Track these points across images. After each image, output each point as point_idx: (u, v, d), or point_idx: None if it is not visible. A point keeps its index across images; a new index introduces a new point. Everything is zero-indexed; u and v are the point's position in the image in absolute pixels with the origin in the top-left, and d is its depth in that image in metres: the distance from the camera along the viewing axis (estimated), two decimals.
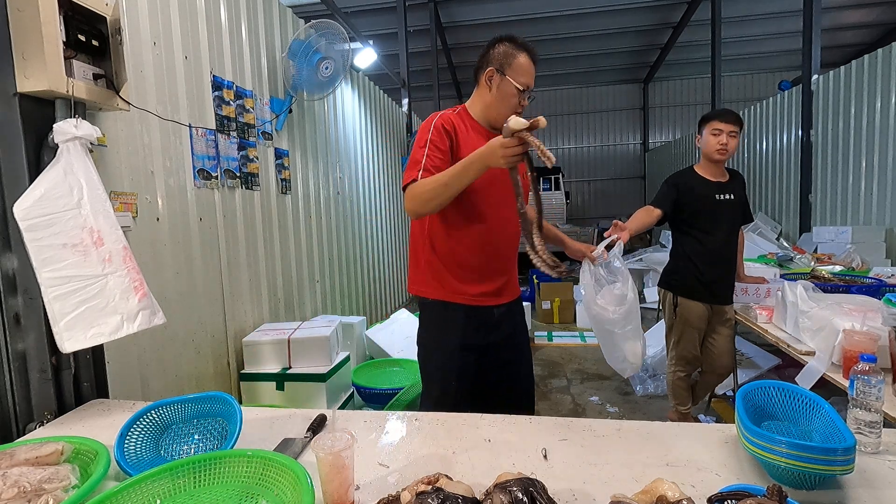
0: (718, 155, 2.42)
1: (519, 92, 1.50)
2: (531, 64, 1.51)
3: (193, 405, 1.18)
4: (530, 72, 1.51)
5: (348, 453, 0.84)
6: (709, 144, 2.44)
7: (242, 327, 2.72)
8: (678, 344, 2.63)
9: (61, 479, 0.91)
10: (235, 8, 2.79)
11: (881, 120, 4.72)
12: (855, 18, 9.73)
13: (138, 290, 1.30)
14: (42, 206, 1.21)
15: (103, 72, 1.40)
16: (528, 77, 1.51)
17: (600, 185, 14.08)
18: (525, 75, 1.50)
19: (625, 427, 1.15)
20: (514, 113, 1.46)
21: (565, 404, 3.39)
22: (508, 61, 1.49)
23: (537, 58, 1.53)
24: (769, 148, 6.97)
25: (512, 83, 1.48)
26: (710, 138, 2.43)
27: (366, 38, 6.73)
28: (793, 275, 2.98)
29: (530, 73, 1.51)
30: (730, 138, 2.40)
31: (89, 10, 1.35)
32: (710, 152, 2.44)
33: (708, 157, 2.47)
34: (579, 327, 5.32)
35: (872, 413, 1.01)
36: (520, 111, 1.49)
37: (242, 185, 2.76)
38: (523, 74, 1.49)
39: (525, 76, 1.50)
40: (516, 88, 1.49)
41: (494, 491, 0.77)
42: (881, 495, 0.86)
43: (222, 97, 2.61)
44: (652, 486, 0.81)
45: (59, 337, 1.21)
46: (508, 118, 1.23)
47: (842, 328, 1.68)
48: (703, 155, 2.51)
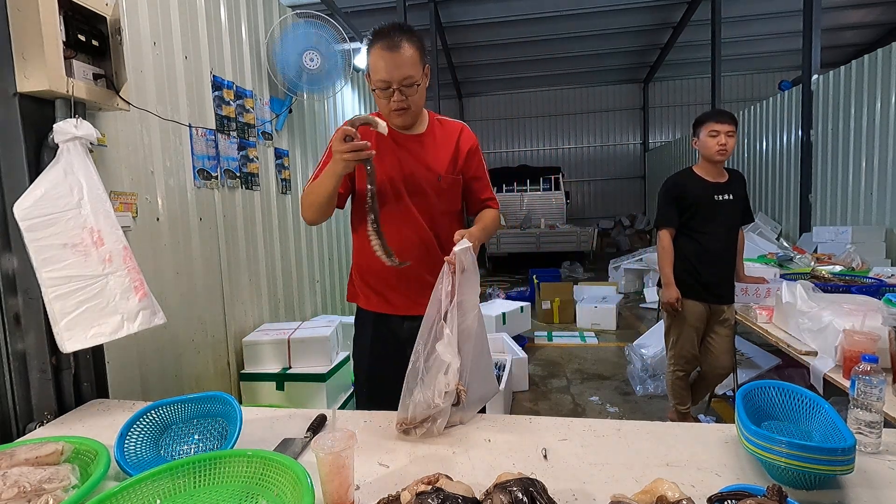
0: (719, 156, 2.43)
1: (380, 90, 1.37)
2: (381, 55, 1.33)
3: (193, 405, 1.18)
4: (380, 65, 1.33)
5: (348, 453, 0.84)
6: (708, 146, 2.44)
7: (242, 327, 2.72)
8: (677, 343, 2.63)
9: (61, 479, 0.91)
10: (235, 8, 2.79)
11: (881, 120, 4.72)
12: (855, 18, 9.73)
13: (138, 290, 1.30)
14: (42, 206, 1.21)
15: (103, 72, 1.40)
16: (380, 72, 1.34)
17: (600, 185, 14.09)
18: (377, 68, 1.34)
19: (625, 427, 1.14)
20: (389, 110, 1.41)
21: (565, 404, 3.39)
22: (368, 59, 1.38)
23: (394, 43, 1.32)
24: (769, 148, 6.97)
25: (372, 81, 1.39)
26: (709, 140, 2.43)
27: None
28: (793, 275, 2.97)
29: (381, 66, 1.33)
30: (728, 138, 2.41)
31: (89, 10, 1.35)
32: (710, 154, 2.45)
33: (708, 158, 2.48)
34: (579, 327, 5.32)
35: (873, 413, 1.00)
36: (394, 107, 1.38)
37: (242, 185, 2.76)
38: (375, 71, 1.36)
39: (377, 72, 1.35)
40: (373, 88, 1.39)
41: (494, 491, 0.77)
42: (881, 495, 0.86)
43: (222, 97, 2.61)
44: (652, 486, 0.81)
45: (60, 337, 1.21)
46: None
47: (842, 328, 1.68)
48: (703, 157, 2.51)
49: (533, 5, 8.76)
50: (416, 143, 1.49)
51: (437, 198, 1.49)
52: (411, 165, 1.47)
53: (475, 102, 13.72)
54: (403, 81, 1.35)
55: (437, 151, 1.51)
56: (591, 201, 14.18)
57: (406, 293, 1.51)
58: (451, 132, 1.54)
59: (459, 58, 11.12)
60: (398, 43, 1.32)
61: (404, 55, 1.33)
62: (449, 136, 1.53)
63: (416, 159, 1.48)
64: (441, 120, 1.57)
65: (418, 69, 1.37)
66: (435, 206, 1.50)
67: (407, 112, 1.41)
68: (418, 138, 1.50)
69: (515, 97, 13.71)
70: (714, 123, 2.42)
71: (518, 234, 9.46)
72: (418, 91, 1.39)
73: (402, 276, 1.47)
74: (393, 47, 1.32)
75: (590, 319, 5.29)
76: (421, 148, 1.49)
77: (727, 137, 2.40)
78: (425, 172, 1.48)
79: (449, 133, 1.54)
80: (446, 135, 1.53)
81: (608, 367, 4.08)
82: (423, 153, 1.49)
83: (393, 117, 1.43)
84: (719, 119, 2.43)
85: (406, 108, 1.40)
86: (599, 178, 14.07)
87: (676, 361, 2.66)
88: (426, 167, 1.48)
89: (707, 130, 2.44)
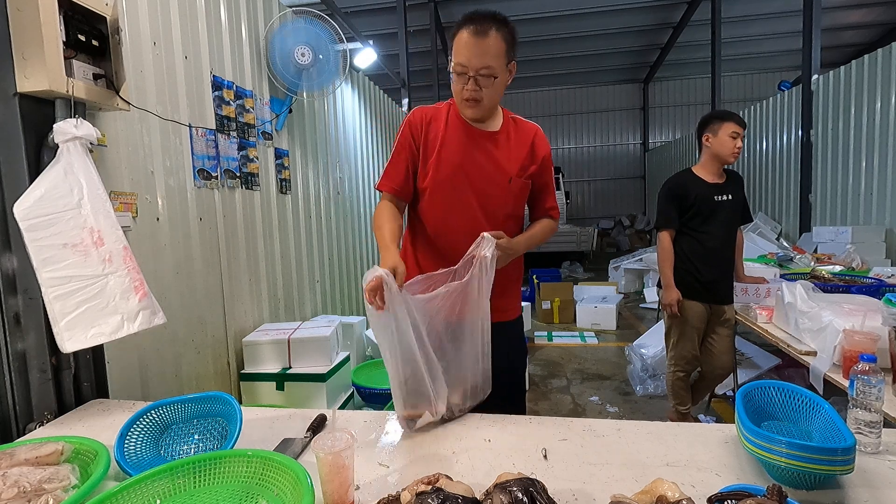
0: (733, 158, 2.45)
1: (456, 74, 1.32)
2: (466, 38, 1.28)
3: (193, 405, 1.18)
4: (462, 49, 1.28)
5: (348, 453, 0.84)
6: (726, 146, 2.43)
7: (242, 327, 2.72)
8: (677, 344, 2.63)
9: (61, 479, 0.91)
10: (235, 8, 2.79)
11: (881, 120, 4.72)
12: (855, 18, 9.73)
13: (138, 290, 1.30)
14: (42, 206, 1.21)
15: (103, 72, 1.40)
16: (460, 54, 1.29)
17: (600, 185, 14.09)
18: (458, 51, 1.29)
19: (625, 427, 1.15)
20: (461, 98, 1.34)
21: (565, 404, 3.39)
22: (451, 42, 1.33)
23: (482, 28, 1.27)
24: (769, 148, 6.97)
25: (451, 68, 1.34)
26: (728, 140, 2.43)
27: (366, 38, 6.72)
28: (793, 275, 2.97)
29: (462, 50, 1.28)
30: (741, 142, 2.44)
31: (89, 10, 1.35)
32: (725, 154, 2.44)
33: (721, 158, 2.47)
34: (579, 327, 5.32)
35: (872, 413, 1.01)
36: (466, 96, 1.33)
37: (242, 185, 2.76)
38: (457, 51, 1.30)
39: (458, 52, 1.30)
40: (450, 71, 1.34)
41: (494, 491, 0.77)
42: (881, 495, 0.86)
43: (222, 97, 2.61)
44: (652, 486, 0.81)
45: (60, 337, 1.21)
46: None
47: (842, 328, 1.68)
48: (713, 155, 2.49)
49: (533, 5, 8.76)
50: (489, 141, 1.42)
51: (503, 200, 1.42)
52: (482, 162, 1.40)
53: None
54: (481, 70, 1.28)
55: (511, 152, 1.43)
56: (591, 201, 14.18)
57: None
58: (526, 133, 1.47)
59: None
60: (486, 30, 1.26)
61: (489, 43, 1.27)
62: (524, 137, 1.46)
63: (488, 157, 1.41)
64: (516, 119, 1.49)
65: (501, 62, 1.30)
66: (500, 208, 1.42)
67: (478, 105, 1.34)
68: (492, 136, 1.43)
69: (515, 97, 13.71)
70: (735, 125, 2.43)
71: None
72: (495, 85, 1.32)
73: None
74: (480, 33, 1.26)
75: (590, 319, 5.29)
76: (494, 146, 1.42)
77: (741, 141, 2.44)
78: (495, 172, 1.41)
79: (524, 134, 1.46)
80: (521, 136, 1.46)
81: (608, 367, 4.08)
82: (496, 152, 1.42)
83: (463, 107, 1.37)
84: (740, 122, 2.45)
85: (478, 99, 1.32)
86: (599, 178, 14.07)
87: (677, 362, 2.66)
88: (498, 167, 1.41)
89: (728, 130, 2.43)
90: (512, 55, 1.34)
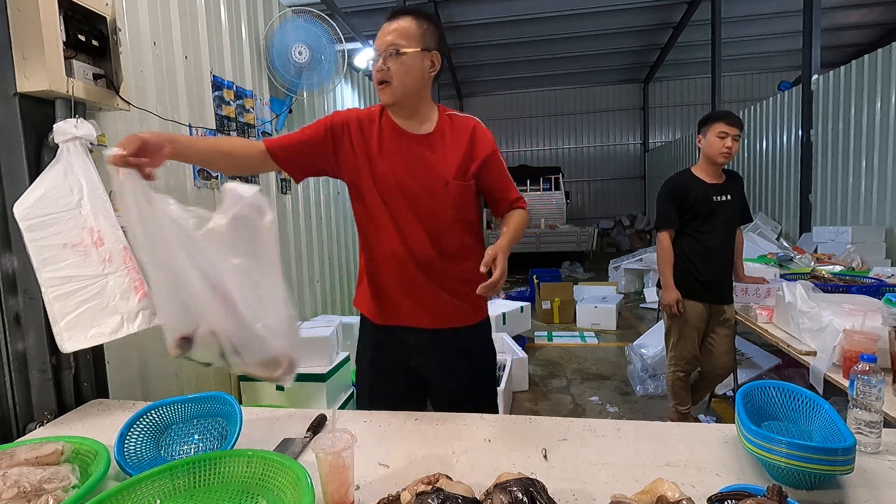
0: (722, 158, 2.42)
1: (372, 61, 1.32)
2: (384, 26, 1.30)
3: (193, 405, 1.18)
4: (380, 34, 1.30)
5: (348, 453, 0.84)
6: (713, 147, 2.42)
7: None
8: (677, 344, 2.63)
9: (61, 479, 0.91)
10: (235, 8, 2.79)
11: (881, 120, 4.72)
12: (855, 18, 9.73)
13: (138, 290, 1.30)
14: (42, 206, 1.21)
15: (103, 72, 1.40)
16: (377, 41, 1.30)
17: (600, 185, 14.09)
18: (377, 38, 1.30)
19: (625, 427, 1.14)
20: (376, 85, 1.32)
21: (565, 404, 3.39)
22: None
23: (395, 14, 1.30)
24: (769, 148, 6.97)
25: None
26: (716, 141, 2.41)
27: (366, 38, 6.72)
28: (793, 275, 2.97)
29: (380, 35, 1.30)
30: (734, 142, 2.40)
31: (89, 10, 1.35)
32: (713, 155, 2.43)
33: (711, 159, 2.46)
34: (579, 327, 5.32)
35: (872, 413, 1.00)
36: (376, 79, 1.31)
37: None
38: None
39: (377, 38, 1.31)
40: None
41: (494, 491, 0.77)
42: (881, 495, 0.86)
43: (222, 97, 2.61)
44: (652, 486, 0.81)
45: (60, 337, 1.21)
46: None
47: (842, 328, 1.68)
48: (705, 156, 2.50)
49: (533, 5, 8.76)
50: (422, 144, 1.35)
51: (442, 206, 1.34)
52: (416, 168, 1.33)
53: (475, 102, 13.71)
54: (388, 49, 1.26)
55: (446, 153, 1.36)
56: (591, 201, 14.18)
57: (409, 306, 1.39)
58: (462, 131, 1.39)
59: (459, 58, 11.11)
60: (399, 15, 1.29)
61: (397, 23, 1.27)
62: (460, 134, 1.38)
63: (423, 163, 1.34)
64: (452, 115, 1.42)
65: (411, 42, 1.27)
66: (441, 216, 1.34)
67: (388, 87, 1.29)
68: (426, 138, 1.36)
69: (515, 97, 13.71)
70: (724, 125, 2.40)
71: None
72: (405, 64, 1.27)
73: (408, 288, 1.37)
74: (392, 18, 1.29)
75: (590, 319, 5.29)
76: (429, 150, 1.35)
77: (733, 141, 2.40)
78: (431, 178, 1.33)
79: (460, 131, 1.39)
80: (457, 134, 1.38)
81: (608, 367, 4.08)
82: (431, 156, 1.35)
83: (378, 93, 1.33)
84: (729, 121, 2.41)
85: (387, 80, 1.28)
86: (599, 178, 14.07)
87: (677, 362, 2.66)
88: (432, 172, 1.34)
89: (716, 131, 2.42)
90: (430, 44, 1.30)
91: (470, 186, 1.39)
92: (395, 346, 1.43)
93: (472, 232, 1.43)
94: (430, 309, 1.38)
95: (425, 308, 1.38)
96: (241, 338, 0.99)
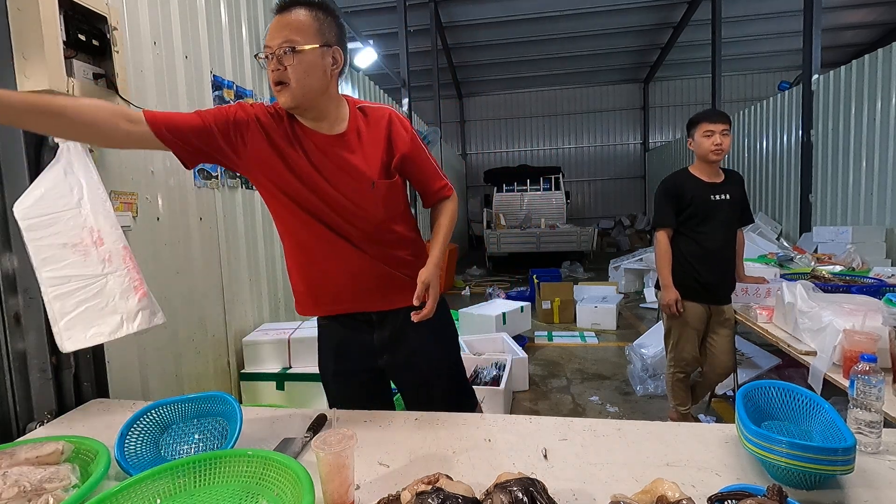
0: (715, 156, 2.40)
1: (264, 60, 1.17)
2: (272, 20, 1.17)
3: (194, 405, 1.18)
4: (271, 29, 1.16)
5: (348, 453, 0.84)
6: (703, 147, 2.42)
7: (242, 327, 2.72)
8: (677, 345, 2.61)
9: (61, 478, 0.91)
10: (235, 8, 2.79)
11: (881, 120, 4.72)
12: (855, 18, 9.74)
13: (138, 290, 1.30)
14: (42, 205, 1.21)
15: (103, 71, 1.40)
16: (267, 36, 1.17)
17: (600, 185, 14.09)
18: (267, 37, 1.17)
19: (625, 427, 1.15)
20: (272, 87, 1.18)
21: (565, 404, 3.39)
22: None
23: (286, 5, 1.16)
24: (769, 148, 6.97)
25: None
26: (704, 140, 2.41)
27: (366, 38, 6.73)
28: (793, 275, 2.97)
29: (271, 30, 1.16)
30: (723, 137, 2.38)
31: (89, 10, 1.35)
32: (705, 154, 2.43)
33: (704, 158, 2.45)
34: (579, 327, 5.31)
35: (872, 413, 1.00)
36: (272, 79, 1.17)
37: (243, 185, 2.76)
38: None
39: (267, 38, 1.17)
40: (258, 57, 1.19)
41: (494, 491, 0.77)
42: (881, 495, 0.86)
43: (222, 97, 2.61)
44: (652, 486, 0.81)
45: (59, 337, 1.21)
46: None
47: (842, 328, 1.68)
48: (698, 157, 2.49)
49: (533, 5, 8.77)
50: (337, 146, 1.23)
51: (371, 208, 1.25)
52: (337, 175, 1.22)
53: (475, 102, 13.72)
54: (282, 46, 1.12)
55: (366, 151, 1.25)
56: (591, 201, 14.18)
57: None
58: (377, 124, 1.28)
59: (459, 58, 11.12)
60: (291, 7, 1.15)
61: (290, 17, 1.14)
62: (376, 129, 1.27)
63: (341, 166, 1.22)
64: (365, 109, 1.30)
65: (308, 38, 1.14)
66: (370, 218, 1.25)
67: (286, 89, 1.15)
68: (339, 139, 1.24)
69: (515, 97, 13.71)
70: (707, 123, 2.40)
71: (518, 234, 9.46)
72: (302, 63, 1.14)
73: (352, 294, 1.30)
74: (283, 9, 1.15)
75: (590, 319, 5.29)
76: (346, 150, 1.23)
77: (722, 137, 2.38)
78: (353, 181, 1.23)
79: (375, 125, 1.28)
80: (373, 128, 1.27)
81: (608, 367, 4.08)
82: (350, 157, 1.23)
83: (276, 96, 1.18)
84: (712, 119, 2.40)
85: (284, 81, 1.14)
86: (599, 178, 14.08)
87: (676, 363, 2.65)
88: (354, 174, 1.23)
89: (701, 131, 2.41)
90: (329, 38, 1.17)
91: (397, 182, 1.30)
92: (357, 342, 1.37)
93: (405, 220, 1.35)
94: (376, 290, 1.30)
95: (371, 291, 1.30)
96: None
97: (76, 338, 1.21)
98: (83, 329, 1.22)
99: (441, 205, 1.41)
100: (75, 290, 1.22)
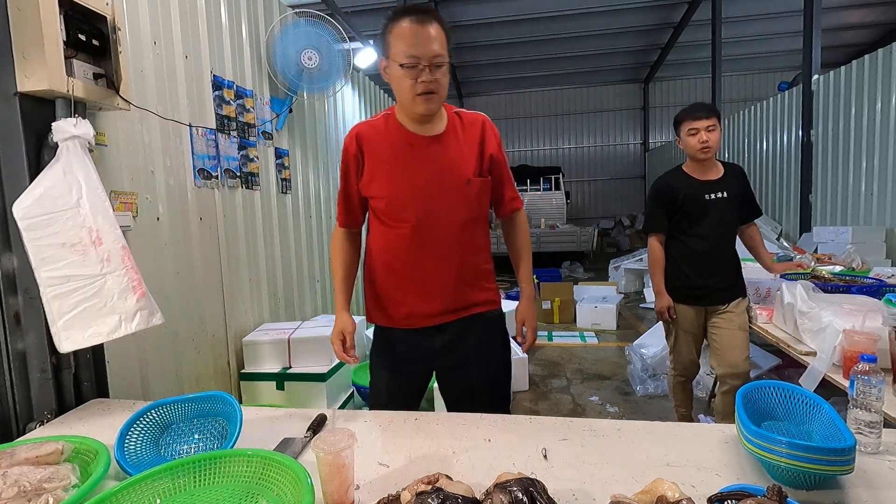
0: (703, 154, 2.31)
1: (407, 67, 1.22)
2: (411, 29, 1.22)
3: (194, 405, 1.18)
4: (410, 37, 1.21)
5: (348, 453, 0.84)
6: (689, 146, 2.34)
7: (242, 327, 2.72)
8: (674, 349, 2.56)
9: (61, 478, 0.91)
10: (235, 7, 2.79)
11: (881, 120, 4.72)
12: (855, 18, 9.73)
13: (137, 290, 1.30)
14: (41, 205, 1.21)
15: (103, 71, 1.40)
16: (411, 44, 1.21)
17: (600, 185, 14.09)
18: (405, 43, 1.22)
19: (625, 427, 1.14)
20: (413, 93, 1.24)
21: (565, 404, 3.39)
22: (388, 38, 1.26)
23: (424, 18, 1.23)
24: (769, 148, 6.96)
25: (394, 62, 1.24)
26: (689, 139, 2.33)
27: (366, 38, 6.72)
28: (793, 275, 2.97)
29: (411, 38, 1.21)
30: (709, 133, 2.28)
31: (89, 10, 1.35)
32: (693, 153, 2.35)
33: (693, 157, 2.38)
34: (579, 327, 5.32)
35: (872, 413, 1.00)
36: (421, 89, 1.24)
37: (243, 185, 2.76)
38: (404, 42, 1.22)
39: (405, 44, 1.21)
40: (401, 65, 1.23)
41: (494, 491, 0.77)
42: (881, 495, 0.86)
43: (222, 97, 2.61)
44: (652, 486, 0.81)
45: (57, 336, 1.20)
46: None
47: (842, 328, 1.68)
48: (688, 156, 2.44)
49: (533, 5, 8.76)
50: (436, 145, 1.33)
51: (464, 205, 1.34)
52: (433, 171, 1.31)
53: (475, 102, 13.71)
54: (434, 59, 1.21)
55: (462, 151, 1.34)
56: (591, 201, 14.18)
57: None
58: (473, 126, 1.38)
59: (459, 58, 11.11)
60: (429, 20, 1.23)
61: (435, 31, 1.23)
62: (472, 131, 1.37)
63: (439, 164, 1.31)
64: (460, 113, 1.40)
65: (446, 52, 1.25)
66: (460, 216, 1.34)
67: (435, 97, 1.25)
68: (438, 139, 1.33)
69: (515, 97, 13.71)
70: (691, 121, 2.31)
71: None
72: (445, 74, 1.26)
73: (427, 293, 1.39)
74: (424, 21, 1.22)
75: (590, 319, 5.29)
76: (444, 149, 1.33)
77: (708, 133, 2.28)
78: (450, 178, 1.31)
79: (471, 128, 1.37)
80: (469, 130, 1.37)
81: (608, 367, 4.08)
82: (447, 155, 1.32)
83: (418, 103, 1.26)
84: (696, 115, 2.30)
85: (436, 91, 1.24)
86: (599, 178, 14.08)
87: (675, 366, 2.61)
88: (451, 172, 1.32)
89: (686, 129, 2.33)
90: (450, 52, 1.28)
91: (488, 182, 1.39)
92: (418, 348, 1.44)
93: (484, 227, 1.46)
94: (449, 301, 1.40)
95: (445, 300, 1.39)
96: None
97: (74, 338, 1.21)
98: (81, 329, 1.22)
99: (516, 224, 1.54)
100: (74, 290, 1.22)
